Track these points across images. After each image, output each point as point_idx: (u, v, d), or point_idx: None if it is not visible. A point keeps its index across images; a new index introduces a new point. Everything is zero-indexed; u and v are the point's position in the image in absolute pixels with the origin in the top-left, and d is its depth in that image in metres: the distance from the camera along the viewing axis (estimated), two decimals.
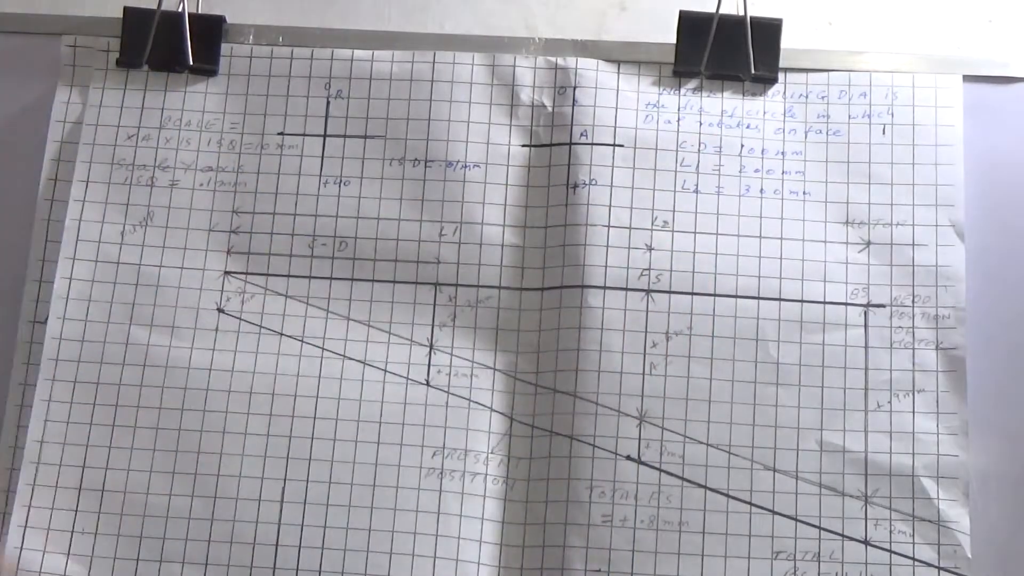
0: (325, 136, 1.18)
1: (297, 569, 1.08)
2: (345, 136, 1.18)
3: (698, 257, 1.14)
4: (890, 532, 1.08)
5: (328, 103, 1.19)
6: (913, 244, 1.14)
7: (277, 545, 1.09)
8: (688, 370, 1.12)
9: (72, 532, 1.09)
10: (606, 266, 1.13)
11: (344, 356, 1.13)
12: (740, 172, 1.16)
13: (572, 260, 1.14)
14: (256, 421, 1.12)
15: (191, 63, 1.19)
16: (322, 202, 1.17)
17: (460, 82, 1.18)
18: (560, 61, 1.19)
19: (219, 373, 1.13)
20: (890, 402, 1.11)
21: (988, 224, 1.15)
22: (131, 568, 1.09)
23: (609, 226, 1.14)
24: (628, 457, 1.10)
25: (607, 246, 1.14)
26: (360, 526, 1.09)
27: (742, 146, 1.17)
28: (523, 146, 1.17)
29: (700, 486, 1.09)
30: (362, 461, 1.11)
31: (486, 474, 1.10)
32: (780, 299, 1.13)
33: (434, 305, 1.14)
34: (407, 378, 1.13)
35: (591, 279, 1.13)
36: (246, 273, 1.15)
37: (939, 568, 1.08)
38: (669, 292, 1.13)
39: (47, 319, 1.14)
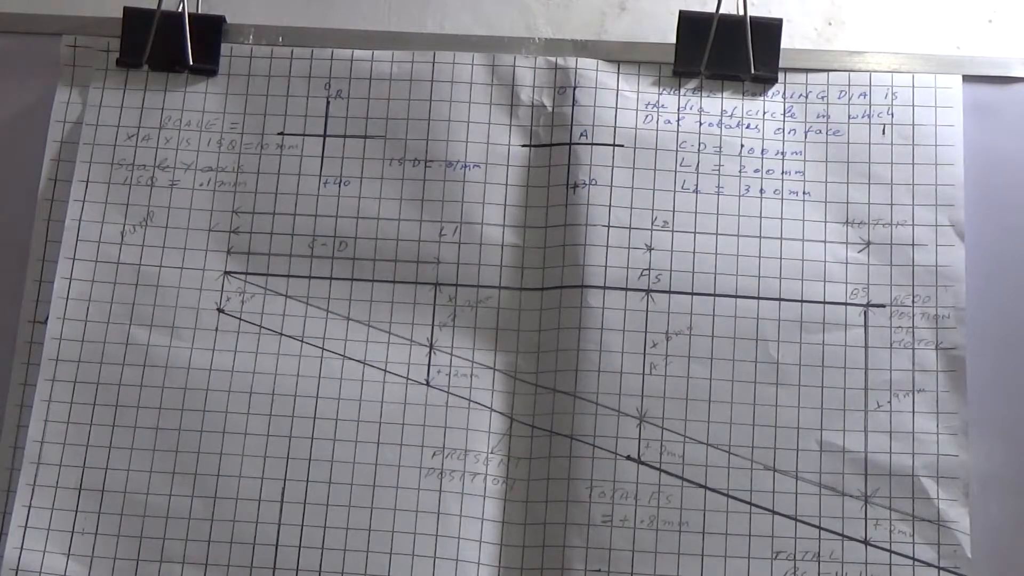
0: (325, 136, 1.18)
1: (297, 569, 1.08)
2: (345, 136, 1.18)
3: (698, 257, 1.14)
4: (890, 532, 1.08)
5: (328, 103, 1.19)
6: (913, 244, 1.14)
7: (277, 545, 1.09)
8: (688, 370, 1.12)
9: (72, 532, 1.09)
10: (606, 266, 1.13)
11: (344, 356, 1.13)
12: (740, 172, 1.16)
13: (572, 260, 1.14)
14: (256, 421, 1.12)
15: (191, 63, 1.19)
16: (322, 202, 1.16)
17: (460, 82, 1.19)
18: (560, 61, 1.19)
19: (219, 373, 1.13)
20: (890, 402, 1.11)
21: (988, 224, 1.15)
22: (131, 568, 1.09)
23: (609, 226, 1.14)
24: (628, 457, 1.10)
25: (607, 246, 1.14)
26: (360, 526, 1.09)
27: (742, 146, 1.17)
28: (523, 146, 1.17)
29: (700, 486, 1.09)
30: (362, 461, 1.11)
31: (486, 474, 1.10)
32: (780, 299, 1.13)
33: (434, 305, 1.14)
34: (407, 378, 1.13)
35: (591, 279, 1.13)
36: (246, 273, 1.15)
37: (939, 568, 1.08)
38: (669, 292, 1.13)
39: (47, 319, 1.14)
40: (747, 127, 1.17)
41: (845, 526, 1.09)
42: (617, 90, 1.18)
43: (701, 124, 1.17)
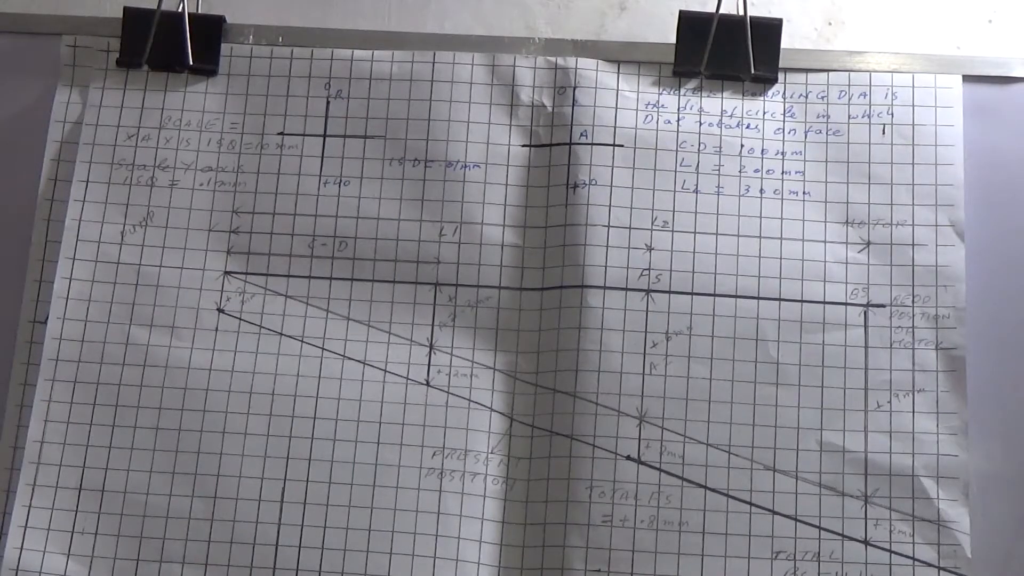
0: (325, 136, 1.18)
1: (297, 569, 1.08)
2: (345, 136, 1.18)
3: (698, 257, 1.14)
4: (890, 532, 1.08)
5: (328, 103, 1.19)
6: (913, 244, 1.14)
7: (277, 545, 1.09)
8: (688, 370, 1.12)
9: (72, 532, 1.09)
10: (606, 266, 1.13)
11: (344, 356, 1.13)
12: (740, 172, 1.16)
13: (572, 260, 1.14)
14: (256, 421, 1.12)
15: (191, 63, 1.19)
16: (322, 202, 1.17)
17: (460, 82, 1.19)
18: (560, 61, 1.19)
19: (219, 373, 1.13)
20: (890, 402, 1.11)
21: (988, 224, 1.15)
22: (131, 568, 1.09)
23: (609, 226, 1.14)
24: (628, 457, 1.10)
25: (607, 246, 1.14)
26: (360, 526, 1.09)
27: (742, 146, 1.17)
28: (523, 146, 1.17)
29: (700, 486, 1.09)
30: (362, 461, 1.11)
31: (486, 474, 1.10)
32: (780, 299, 1.13)
33: (434, 305, 1.14)
34: (407, 378, 1.13)
35: (591, 279, 1.13)
36: (246, 273, 1.15)
37: (939, 568, 1.08)
38: (669, 292, 1.13)
39: (47, 319, 1.14)
40: (747, 127, 1.17)
41: (845, 526, 1.09)
42: (617, 90, 1.18)
43: (701, 124, 1.17)
